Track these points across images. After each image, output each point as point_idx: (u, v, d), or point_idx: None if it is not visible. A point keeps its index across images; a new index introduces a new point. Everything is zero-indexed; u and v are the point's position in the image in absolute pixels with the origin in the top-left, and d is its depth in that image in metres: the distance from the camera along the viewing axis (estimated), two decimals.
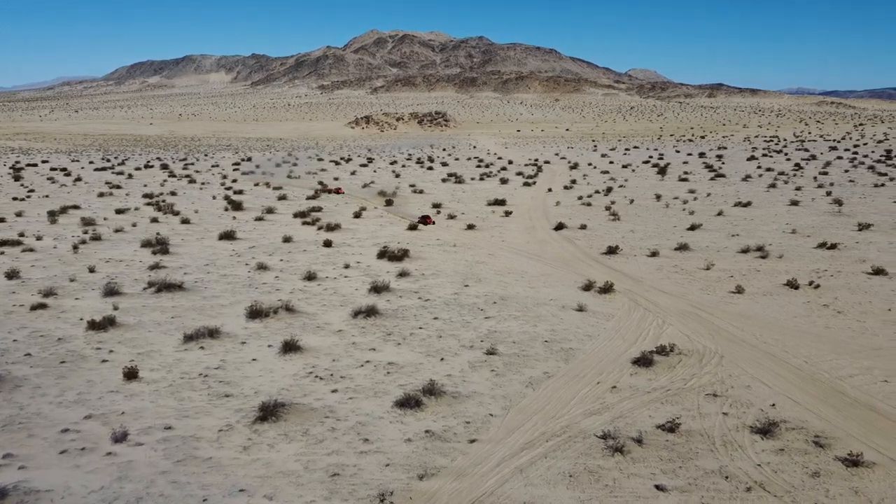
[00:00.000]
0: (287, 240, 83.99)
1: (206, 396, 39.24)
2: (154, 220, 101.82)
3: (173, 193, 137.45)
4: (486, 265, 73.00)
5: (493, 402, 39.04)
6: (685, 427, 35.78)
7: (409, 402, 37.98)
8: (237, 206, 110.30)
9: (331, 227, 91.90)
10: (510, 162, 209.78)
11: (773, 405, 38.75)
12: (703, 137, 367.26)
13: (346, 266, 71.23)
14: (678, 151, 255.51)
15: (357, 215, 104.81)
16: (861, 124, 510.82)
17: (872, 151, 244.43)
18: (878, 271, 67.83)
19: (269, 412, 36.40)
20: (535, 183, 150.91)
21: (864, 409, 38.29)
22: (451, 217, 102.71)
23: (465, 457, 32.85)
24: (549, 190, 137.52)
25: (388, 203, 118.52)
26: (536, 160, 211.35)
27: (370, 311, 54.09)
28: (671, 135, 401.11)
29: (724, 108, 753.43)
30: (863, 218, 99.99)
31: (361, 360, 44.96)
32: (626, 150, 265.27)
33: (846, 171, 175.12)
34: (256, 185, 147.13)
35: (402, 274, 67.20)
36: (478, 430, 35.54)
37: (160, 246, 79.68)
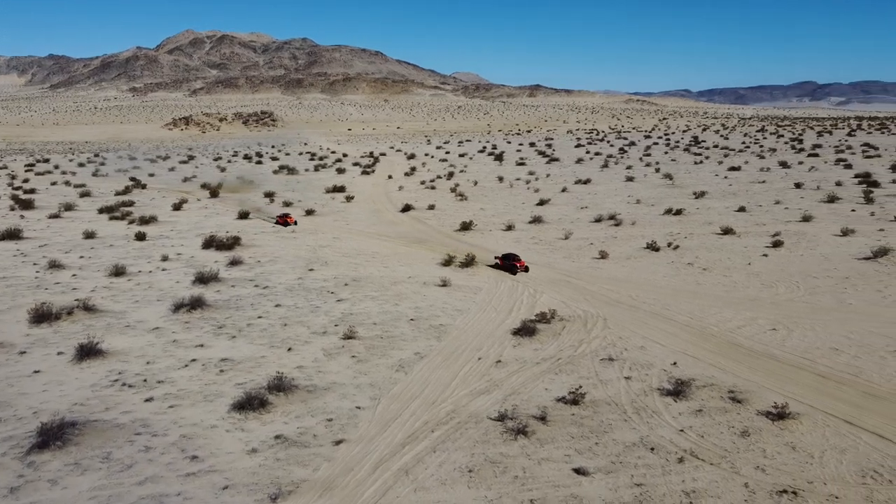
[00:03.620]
0: (90, 235, 70.32)
1: None
2: None
3: None
4: (333, 248, 64.82)
5: (359, 392, 31.47)
6: (589, 397, 30.39)
7: (250, 404, 29.42)
8: (27, 205, 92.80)
9: (145, 221, 78.85)
10: (345, 155, 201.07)
11: (675, 363, 34.58)
12: (529, 132, 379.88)
13: (165, 258, 59.88)
14: (509, 143, 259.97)
15: (177, 207, 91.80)
16: (665, 118, 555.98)
17: (682, 138, 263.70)
18: (727, 231, 68.21)
19: (52, 436, 26.29)
20: (373, 171, 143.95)
21: (765, 359, 35.15)
22: (287, 204, 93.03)
23: (331, 464, 25.06)
24: (390, 177, 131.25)
25: (214, 195, 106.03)
26: (372, 153, 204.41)
27: (196, 304, 44.22)
28: (499, 130, 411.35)
29: (544, 107, 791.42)
30: (693, 188, 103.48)
31: (185, 360, 35.44)
32: (460, 142, 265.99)
33: (665, 153, 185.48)
34: (54, 183, 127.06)
35: (234, 262, 57.31)
36: (344, 428, 27.84)
37: None
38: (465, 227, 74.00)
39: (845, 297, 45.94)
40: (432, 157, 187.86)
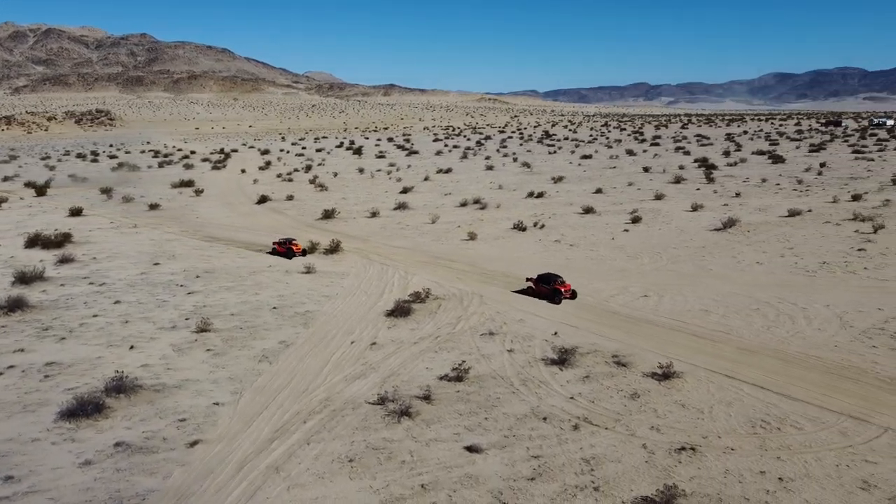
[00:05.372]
0: None
1: None
2: None
3: None
4: (181, 241, 59.00)
5: (217, 387, 27.58)
6: (474, 373, 28.42)
7: (84, 410, 24.77)
8: None
9: None
10: (193, 152, 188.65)
11: (556, 334, 33.49)
12: (386, 129, 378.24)
13: None
14: (367, 138, 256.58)
15: None
16: (516, 116, 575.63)
17: (534, 133, 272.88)
18: (588, 210, 69.50)
19: None
20: (225, 167, 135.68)
21: (642, 324, 34.93)
22: (128, 200, 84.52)
23: (185, 469, 21.27)
24: (243, 171, 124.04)
25: (40, 193, 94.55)
26: (223, 149, 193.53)
27: (15, 306, 37.85)
28: (356, 128, 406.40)
29: (399, 105, 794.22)
30: (551, 175, 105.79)
31: (0, 368, 29.71)
32: (317, 139, 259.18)
33: (521, 145, 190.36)
34: None
35: (65, 260, 50.35)
36: (200, 428, 24.00)
37: None
38: (328, 215, 70.43)
39: (705, 264, 47.45)
40: (288, 152, 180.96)
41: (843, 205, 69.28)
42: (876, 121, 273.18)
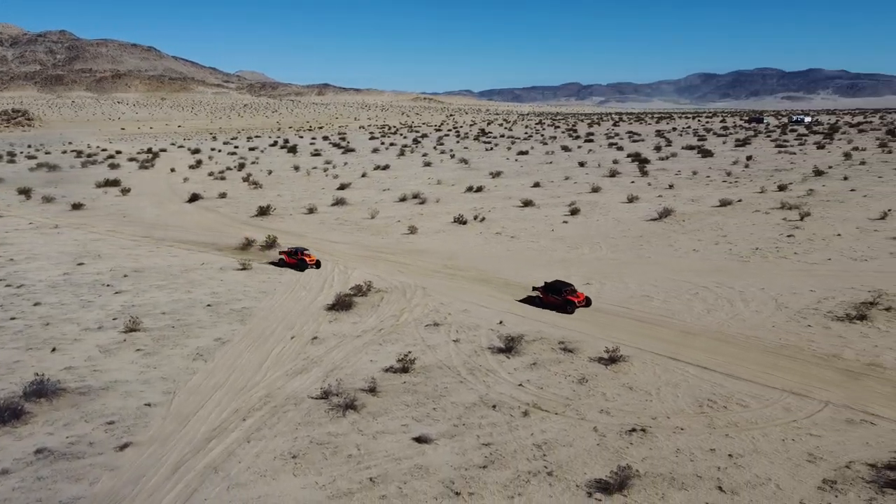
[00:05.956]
0: None
1: None
2: None
3: None
4: (107, 241, 56.17)
5: (148, 387, 26.03)
6: (420, 363, 27.72)
7: (0, 417, 22.91)
8: None
9: None
10: (118, 152, 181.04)
11: (501, 322, 33.11)
12: (321, 128, 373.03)
13: None
14: (301, 137, 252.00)
15: None
16: (451, 115, 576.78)
17: (470, 131, 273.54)
18: (528, 203, 69.69)
19: None
20: (153, 166, 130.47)
21: (586, 311, 34.86)
22: (48, 200, 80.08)
23: (114, 473, 19.86)
24: (173, 170, 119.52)
25: None
26: (151, 149, 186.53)
27: None
28: (290, 127, 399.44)
29: (334, 105, 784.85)
30: (489, 170, 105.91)
31: None
32: (249, 138, 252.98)
33: (457, 142, 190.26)
34: None
35: None
36: (130, 430, 22.52)
37: None
38: (263, 212, 68.38)
39: (643, 253, 48.04)
40: (220, 151, 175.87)
41: (771, 195, 71.63)
42: (794, 118, 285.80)
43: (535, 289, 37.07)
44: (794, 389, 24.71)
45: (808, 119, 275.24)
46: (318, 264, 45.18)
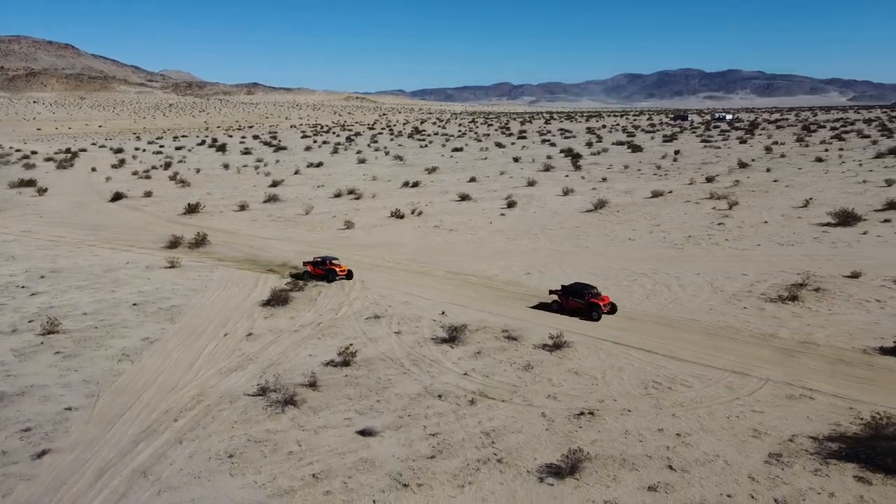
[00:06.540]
0: None
1: None
2: None
3: None
4: (21, 242, 52.85)
5: (69, 391, 24.27)
6: (361, 356, 26.83)
7: None
8: None
9: None
10: (34, 152, 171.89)
11: (443, 313, 32.50)
12: (251, 127, 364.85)
13: None
14: (231, 136, 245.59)
15: None
16: (384, 114, 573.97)
17: (404, 129, 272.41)
18: (465, 197, 69.44)
19: None
20: (73, 165, 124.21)
21: (528, 299, 34.65)
22: None
23: (31, 483, 18.26)
24: (94, 170, 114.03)
25: None
26: (70, 149, 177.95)
27: None
28: (218, 127, 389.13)
29: (264, 104, 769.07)
30: (424, 166, 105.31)
31: None
32: (176, 138, 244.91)
33: (391, 140, 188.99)
34: None
35: None
36: (49, 437, 20.85)
37: None
38: (192, 210, 65.81)
39: (581, 242, 48.36)
40: (144, 150, 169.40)
41: (700, 186, 73.59)
42: (717, 115, 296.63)
43: (552, 292, 33.48)
44: (735, 368, 25.01)
45: (729, 117, 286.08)
46: (349, 275, 39.06)
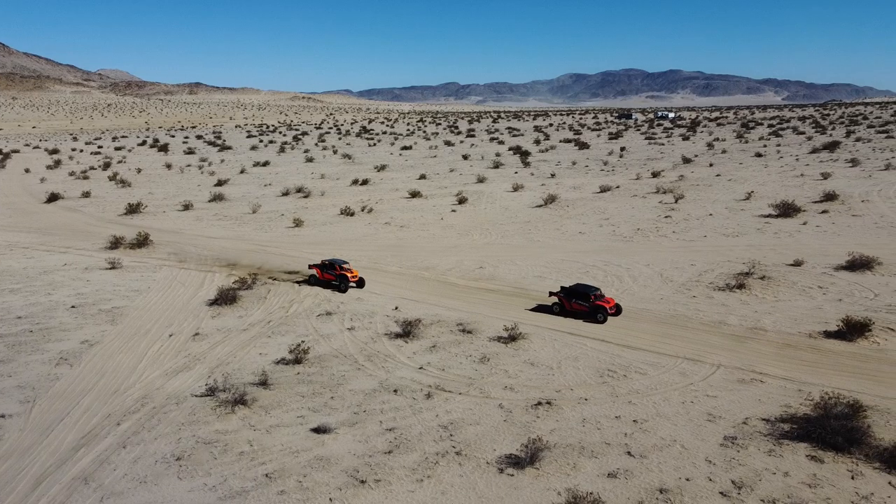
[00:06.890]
0: None
1: None
2: None
3: None
4: None
5: (2, 398, 22.99)
6: (314, 353, 26.19)
7: None
8: None
9: None
10: None
11: (396, 308, 32.06)
12: (194, 128, 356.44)
13: None
14: (173, 136, 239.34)
15: None
16: (332, 114, 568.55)
17: (352, 128, 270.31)
18: (415, 194, 68.99)
19: None
20: (4, 167, 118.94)
21: (481, 293, 34.52)
22: None
23: None
24: (27, 171, 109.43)
25: None
26: (1, 150, 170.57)
27: None
28: (160, 127, 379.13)
29: (207, 104, 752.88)
30: (373, 164, 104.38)
31: None
32: (115, 138, 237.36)
33: (339, 139, 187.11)
34: None
35: None
36: None
37: None
38: (133, 210, 63.64)
39: (532, 236, 48.51)
40: (81, 151, 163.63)
41: (646, 181, 74.85)
42: (660, 114, 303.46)
43: (552, 294, 31.79)
44: (688, 355, 25.31)
45: (671, 115, 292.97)
46: (360, 282, 35.79)
